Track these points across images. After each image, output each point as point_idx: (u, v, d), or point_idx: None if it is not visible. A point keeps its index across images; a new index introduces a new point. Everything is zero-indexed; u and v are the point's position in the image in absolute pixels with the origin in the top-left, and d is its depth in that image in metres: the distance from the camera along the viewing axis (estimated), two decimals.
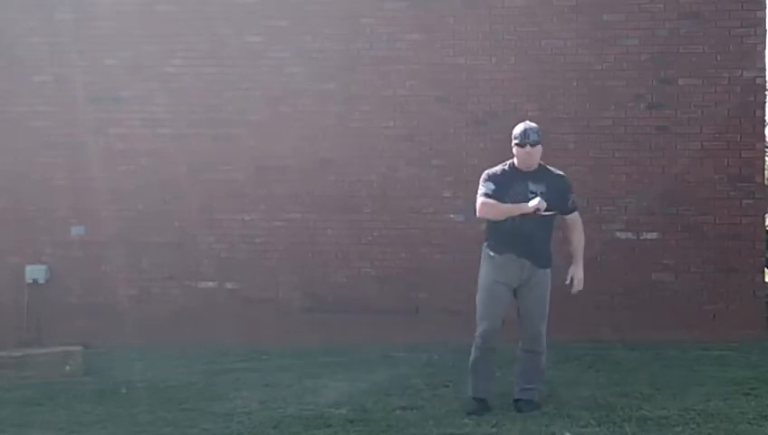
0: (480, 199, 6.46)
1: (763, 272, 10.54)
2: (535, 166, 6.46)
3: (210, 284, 10.50)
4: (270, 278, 10.42)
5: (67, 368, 8.57)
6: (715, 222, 10.03)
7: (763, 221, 10.50)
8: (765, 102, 10.67)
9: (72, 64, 10.54)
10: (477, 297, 6.54)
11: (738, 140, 10.04)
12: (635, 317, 9.90)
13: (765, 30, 10.12)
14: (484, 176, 6.53)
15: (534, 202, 6.30)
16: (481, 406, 6.45)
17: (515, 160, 6.47)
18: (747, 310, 9.91)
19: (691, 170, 10.05)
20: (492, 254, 6.48)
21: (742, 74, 10.02)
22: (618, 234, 10.08)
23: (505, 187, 6.39)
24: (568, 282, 6.59)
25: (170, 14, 10.50)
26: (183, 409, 6.96)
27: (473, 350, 6.53)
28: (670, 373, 7.92)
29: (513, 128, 6.51)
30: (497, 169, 6.52)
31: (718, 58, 10.02)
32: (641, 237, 10.09)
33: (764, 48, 10.20)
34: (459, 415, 6.45)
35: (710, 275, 10.03)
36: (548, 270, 6.51)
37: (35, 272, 10.49)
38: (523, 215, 6.31)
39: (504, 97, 10.18)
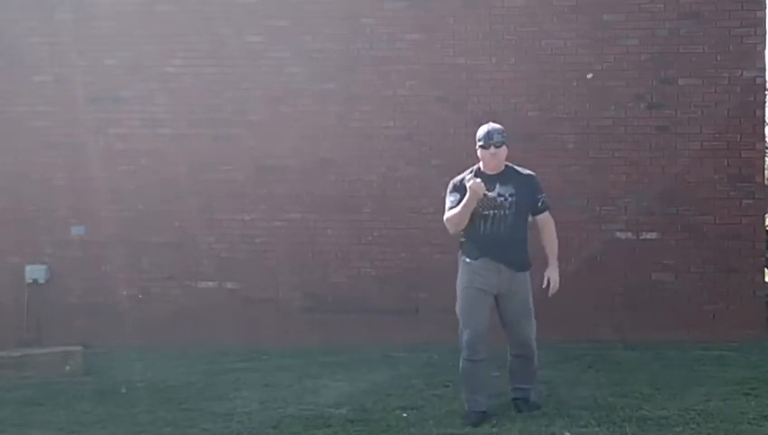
0: (445, 216, 6.33)
1: (763, 272, 10.54)
2: (501, 168, 6.27)
3: (210, 284, 10.50)
4: (270, 278, 10.42)
5: (67, 368, 8.58)
6: (715, 222, 10.03)
7: (763, 221, 10.50)
8: (765, 102, 10.67)
9: (72, 64, 10.54)
10: (457, 306, 6.34)
11: (738, 140, 10.04)
12: (635, 317, 9.90)
13: (765, 30, 10.11)
14: (449, 186, 6.35)
15: (473, 182, 6.05)
16: (482, 418, 6.27)
17: (481, 164, 6.30)
18: (747, 310, 9.91)
19: (691, 170, 10.05)
20: (467, 260, 6.30)
21: (742, 74, 10.02)
22: (618, 234, 10.08)
23: None
24: (545, 286, 6.37)
25: (170, 14, 10.50)
26: (183, 409, 6.96)
27: (461, 361, 6.32)
28: (670, 373, 7.92)
29: (490, 129, 6.31)
30: (462, 176, 6.32)
31: (718, 58, 10.02)
32: (641, 237, 10.08)
33: (764, 48, 10.20)
34: (459, 415, 6.45)
35: (710, 275, 10.03)
36: (527, 273, 6.35)
37: (35, 272, 10.49)
38: (490, 218, 6.14)
39: (503, 97, 10.18)
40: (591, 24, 10.16)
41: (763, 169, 10.67)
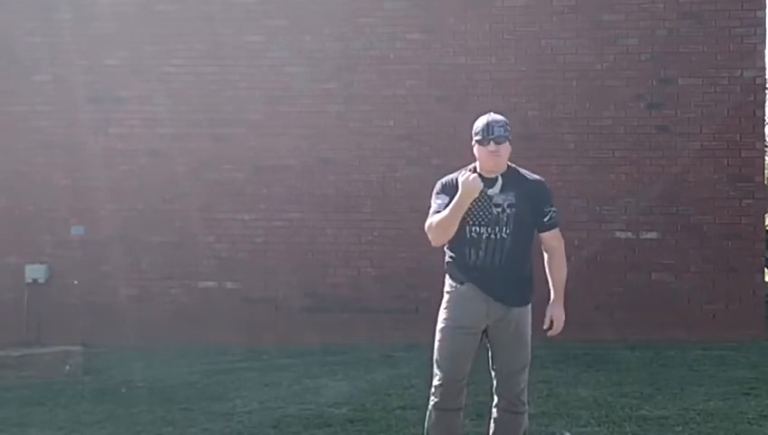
0: (427, 222, 5.14)
1: (763, 272, 10.55)
2: (503, 169, 4.97)
3: (210, 284, 10.50)
4: (270, 278, 10.42)
5: (67, 368, 8.58)
6: (715, 222, 10.03)
7: (763, 221, 10.50)
8: (765, 102, 10.67)
9: (71, 64, 10.54)
10: (435, 341, 5.08)
11: (738, 139, 10.05)
12: (635, 317, 9.90)
13: (765, 30, 10.12)
14: (436, 187, 5.15)
15: (467, 177, 4.87)
16: None
17: (477, 164, 5.03)
18: (747, 310, 9.91)
19: (691, 170, 10.05)
20: (452, 283, 5.15)
21: (742, 74, 10.02)
22: (618, 234, 10.08)
23: None
24: (546, 326, 5.07)
25: (170, 14, 10.50)
26: (183, 409, 6.96)
27: (428, 410, 5.07)
28: (670, 373, 7.92)
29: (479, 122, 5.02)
30: (453, 176, 5.06)
31: (718, 58, 10.03)
32: (641, 237, 10.09)
33: (764, 48, 10.21)
34: None
35: (710, 275, 10.03)
36: (527, 307, 5.02)
37: (35, 272, 10.49)
38: (483, 242, 4.96)
39: (503, 97, 10.17)
40: (591, 23, 10.16)
41: (763, 169, 10.67)
